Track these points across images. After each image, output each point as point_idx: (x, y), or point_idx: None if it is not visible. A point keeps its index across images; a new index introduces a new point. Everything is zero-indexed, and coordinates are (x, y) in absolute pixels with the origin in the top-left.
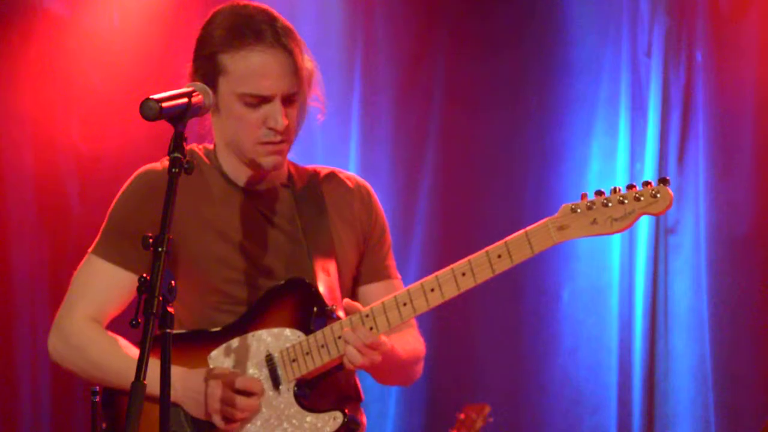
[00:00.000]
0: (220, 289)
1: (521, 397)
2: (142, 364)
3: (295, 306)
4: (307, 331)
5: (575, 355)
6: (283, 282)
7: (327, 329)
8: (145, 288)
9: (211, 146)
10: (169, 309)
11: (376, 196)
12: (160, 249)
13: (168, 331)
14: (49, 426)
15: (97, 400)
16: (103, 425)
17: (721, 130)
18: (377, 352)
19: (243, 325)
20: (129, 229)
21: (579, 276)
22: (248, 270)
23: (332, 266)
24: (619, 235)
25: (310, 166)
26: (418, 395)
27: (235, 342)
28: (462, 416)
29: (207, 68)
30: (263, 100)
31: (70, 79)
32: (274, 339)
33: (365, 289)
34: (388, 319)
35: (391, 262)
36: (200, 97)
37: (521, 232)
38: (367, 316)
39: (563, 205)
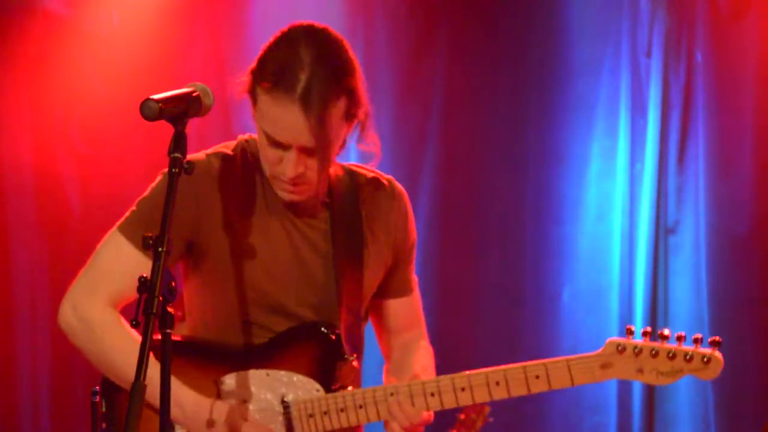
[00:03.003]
0: (242, 309)
1: (521, 397)
2: (142, 364)
3: (317, 355)
4: (328, 388)
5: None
6: (308, 324)
7: (348, 395)
8: (145, 288)
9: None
10: (169, 309)
11: (408, 204)
12: (160, 249)
13: (168, 331)
14: (49, 426)
15: (97, 400)
16: (104, 425)
17: (721, 130)
18: (422, 427)
19: (262, 356)
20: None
21: (579, 276)
22: (276, 295)
23: (357, 301)
24: (618, 235)
25: (351, 166)
26: None
27: (250, 374)
28: (462, 416)
29: (250, 89)
30: (280, 144)
31: (69, 79)
32: (293, 385)
33: (386, 303)
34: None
35: (413, 275)
36: (200, 97)
37: (563, 359)
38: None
39: (609, 340)
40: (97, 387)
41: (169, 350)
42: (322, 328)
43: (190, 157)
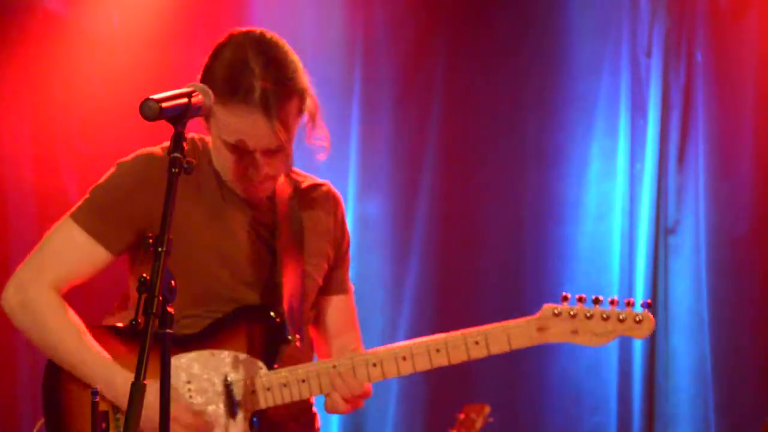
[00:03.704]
0: (189, 293)
1: (521, 397)
2: (142, 363)
3: (261, 335)
4: (270, 366)
5: (575, 355)
6: (253, 306)
7: (291, 371)
8: (145, 288)
9: (208, 141)
10: (169, 309)
11: (344, 207)
12: (160, 249)
13: (168, 331)
14: None
15: (97, 400)
16: (103, 425)
17: (721, 130)
18: (361, 400)
19: (206, 337)
20: (116, 210)
21: (579, 276)
22: (226, 279)
23: (299, 287)
24: (619, 234)
25: (290, 171)
26: (418, 395)
27: (194, 355)
28: (462, 416)
29: None
30: (243, 151)
31: (68, 79)
32: (236, 364)
33: (327, 300)
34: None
35: (348, 274)
36: (200, 97)
37: (501, 324)
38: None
39: (545, 305)
40: (97, 388)
41: (169, 350)
42: (267, 311)
43: (145, 151)
